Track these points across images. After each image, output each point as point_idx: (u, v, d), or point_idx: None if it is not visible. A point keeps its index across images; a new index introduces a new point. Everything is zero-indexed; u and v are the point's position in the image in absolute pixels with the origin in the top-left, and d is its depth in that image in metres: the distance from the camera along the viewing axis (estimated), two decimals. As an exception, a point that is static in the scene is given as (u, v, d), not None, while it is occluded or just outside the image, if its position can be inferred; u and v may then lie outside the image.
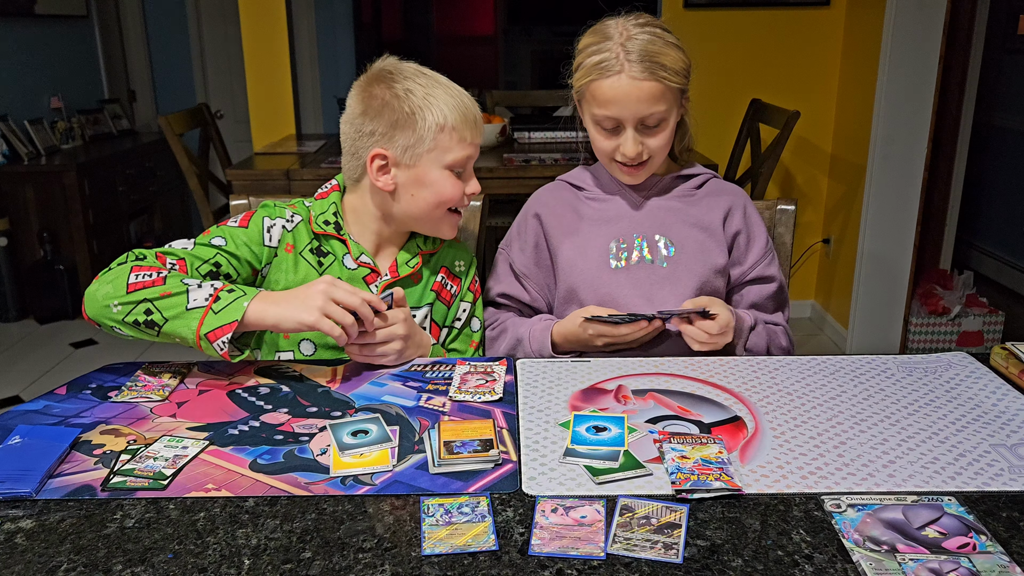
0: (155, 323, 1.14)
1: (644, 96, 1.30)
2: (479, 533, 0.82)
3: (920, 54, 3.02)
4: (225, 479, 0.93)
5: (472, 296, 1.46)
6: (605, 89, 1.32)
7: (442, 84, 1.32)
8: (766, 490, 0.90)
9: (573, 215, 1.46)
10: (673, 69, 1.31)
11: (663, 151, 1.38)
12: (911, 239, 3.21)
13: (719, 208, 1.43)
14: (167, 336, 1.15)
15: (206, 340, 1.13)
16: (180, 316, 1.13)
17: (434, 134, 1.28)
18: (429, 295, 1.40)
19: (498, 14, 5.83)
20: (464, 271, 1.46)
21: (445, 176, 1.30)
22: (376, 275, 1.35)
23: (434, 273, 1.42)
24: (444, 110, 1.28)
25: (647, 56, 1.30)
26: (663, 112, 1.33)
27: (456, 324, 1.44)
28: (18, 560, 0.80)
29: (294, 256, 1.34)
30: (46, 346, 3.56)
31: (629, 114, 1.32)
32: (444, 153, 1.29)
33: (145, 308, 1.14)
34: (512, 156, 2.91)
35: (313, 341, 1.34)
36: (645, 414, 1.08)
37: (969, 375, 1.19)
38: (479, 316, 1.47)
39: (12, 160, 3.86)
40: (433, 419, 1.07)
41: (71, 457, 0.98)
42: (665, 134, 1.36)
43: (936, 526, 0.83)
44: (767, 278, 1.45)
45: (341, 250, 1.35)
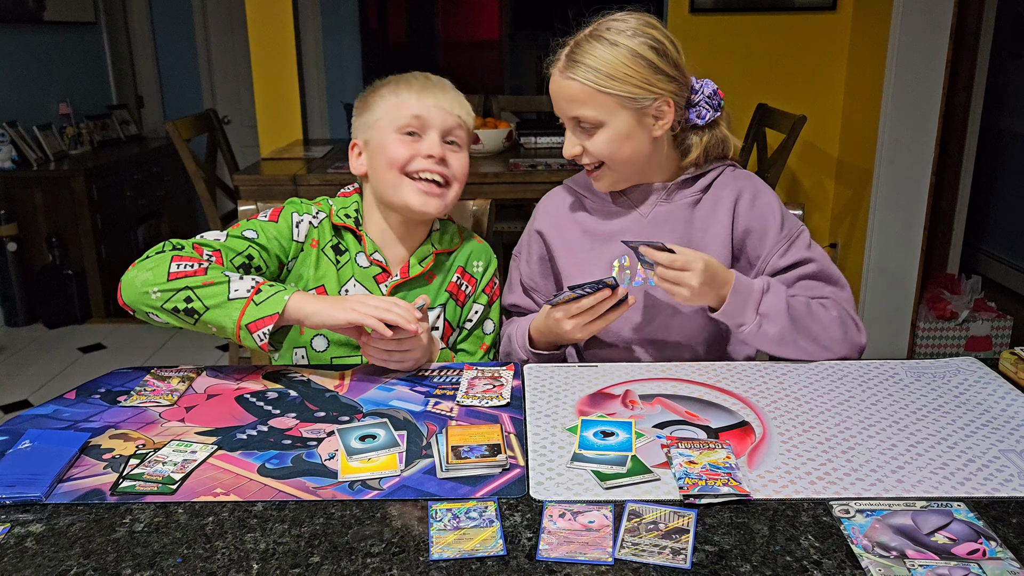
0: (195, 311, 1.16)
1: (567, 95, 1.29)
2: (487, 538, 0.82)
3: (927, 58, 3.01)
4: (233, 484, 0.93)
5: (487, 299, 1.45)
6: (550, 85, 1.33)
7: (411, 75, 1.37)
8: (774, 495, 0.90)
9: (576, 229, 1.41)
10: (608, 74, 1.24)
11: (618, 162, 1.30)
12: (918, 243, 3.20)
13: (725, 208, 1.35)
14: (204, 325, 1.18)
15: (246, 330, 1.15)
16: (222, 305, 1.16)
17: (381, 105, 1.34)
18: (443, 295, 1.40)
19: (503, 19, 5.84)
20: (481, 272, 1.45)
21: (395, 138, 1.32)
22: (387, 275, 1.36)
23: (449, 273, 1.42)
24: (393, 86, 1.35)
25: (584, 58, 1.26)
26: (592, 117, 1.27)
27: (467, 325, 1.44)
28: (28, 564, 0.80)
29: (317, 252, 1.36)
30: (54, 350, 3.58)
31: (560, 111, 1.32)
32: (392, 119, 1.33)
33: (186, 296, 1.16)
34: (518, 161, 2.92)
35: (326, 336, 1.35)
36: (652, 419, 1.08)
37: (978, 380, 1.19)
38: (494, 319, 1.46)
39: (21, 165, 3.88)
40: (441, 424, 1.07)
41: (80, 462, 0.98)
42: (603, 141, 1.28)
43: (945, 532, 0.82)
44: (789, 266, 1.33)
45: (356, 247, 1.37)
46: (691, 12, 3.42)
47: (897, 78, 3.06)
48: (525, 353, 1.36)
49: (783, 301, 1.26)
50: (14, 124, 3.92)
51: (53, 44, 4.39)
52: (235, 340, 1.17)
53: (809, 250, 1.34)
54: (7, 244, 3.76)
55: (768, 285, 1.28)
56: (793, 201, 3.68)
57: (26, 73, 4.16)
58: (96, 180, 3.94)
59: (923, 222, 3.18)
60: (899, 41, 3.03)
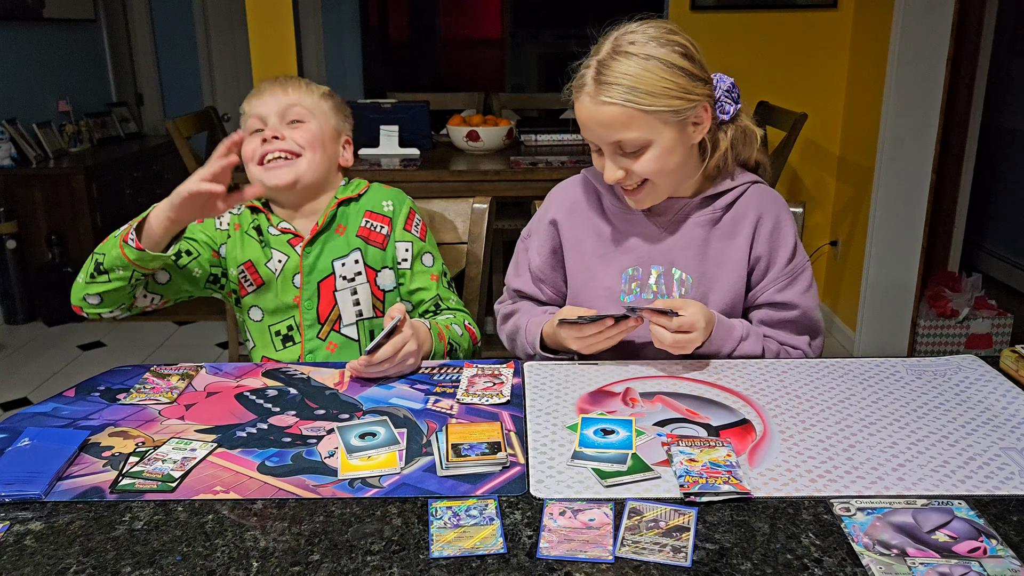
0: (99, 263, 1.28)
1: (607, 122, 1.21)
2: (487, 536, 0.82)
3: (928, 56, 3.01)
4: (233, 481, 0.93)
5: (414, 236, 1.49)
6: (577, 109, 1.25)
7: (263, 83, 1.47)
8: (775, 493, 0.90)
9: (590, 231, 1.38)
10: (647, 91, 1.19)
11: (663, 176, 1.26)
12: (919, 241, 3.20)
13: (744, 232, 1.32)
14: (111, 270, 1.27)
15: (125, 244, 1.25)
16: (108, 250, 1.28)
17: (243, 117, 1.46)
18: (356, 241, 1.46)
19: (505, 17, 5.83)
20: (393, 210, 1.49)
21: (247, 139, 1.42)
22: (299, 238, 1.44)
23: (357, 218, 1.48)
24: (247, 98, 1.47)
25: (617, 78, 1.19)
26: (636, 139, 1.21)
27: (402, 265, 1.48)
28: (27, 562, 0.80)
29: (241, 234, 1.46)
30: (54, 348, 3.58)
31: (596, 138, 1.25)
32: (246, 128, 1.44)
33: (93, 261, 1.30)
34: (519, 159, 2.91)
35: (259, 307, 1.45)
36: (653, 417, 1.07)
37: (979, 378, 1.19)
38: (432, 252, 1.51)
39: (21, 163, 3.87)
40: (441, 422, 1.06)
41: (80, 459, 0.98)
42: (651, 160, 1.23)
43: (946, 530, 0.82)
44: (780, 304, 1.33)
45: (267, 223, 1.46)
46: (692, 10, 3.42)
47: (898, 76, 3.06)
48: (532, 350, 1.36)
49: (758, 348, 1.30)
50: (13, 121, 3.91)
51: (53, 41, 4.38)
52: (124, 260, 1.25)
53: (803, 295, 1.33)
54: (7, 242, 3.76)
55: (747, 332, 1.29)
56: (794, 199, 3.67)
57: (26, 71, 4.16)
58: (96, 178, 3.93)
59: (924, 220, 3.17)
60: (900, 39, 3.03)
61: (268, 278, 1.44)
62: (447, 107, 3.84)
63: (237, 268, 1.45)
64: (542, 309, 1.44)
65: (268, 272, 1.44)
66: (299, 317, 1.44)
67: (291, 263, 1.43)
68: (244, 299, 1.46)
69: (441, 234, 1.66)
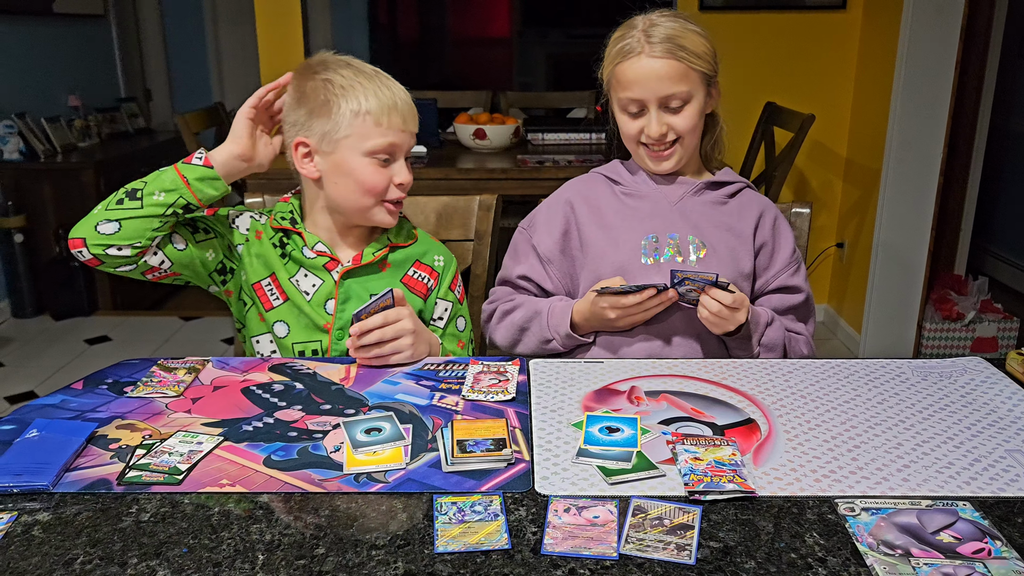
0: (136, 189, 1.24)
1: (663, 75, 1.33)
2: (492, 532, 0.82)
3: (937, 58, 3.00)
4: (239, 475, 0.93)
5: (455, 296, 1.45)
6: (626, 70, 1.35)
7: (366, 74, 1.32)
8: (779, 492, 0.90)
9: (607, 207, 1.46)
10: (693, 51, 1.33)
11: (691, 135, 1.38)
12: (926, 244, 3.20)
13: (750, 217, 1.44)
14: (149, 199, 1.23)
15: (184, 164, 1.25)
16: (153, 177, 1.25)
17: (350, 120, 1.28)
18: (399, 286, 1.39)
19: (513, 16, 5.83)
20: (443, 267, 1.45)
21: (366, 163, 1.30)
22: (335, 263, 1.36)
23: (405, 266, 1.41)
24: (360, 97, 1.28)
25: (667, 38, 1.33)
26: (685, 93, 1.34)
27: (437, 323, 1.44)
28: (35, 552, 0.80)
29: (264, 242, 1.38)
30: (61, 342, 3.59)
31: (650, 94, 1.35)
32: (362, 140, 1.29)
33: (124, 190, 1.25)
34: (526, 157, 2.92)
35: (286, 323, 1.36)
36: (658, 415, 1.08)
37: (984, 380, 1.18)
38: (465, 316, 1.48)
39: (30, 158, 3.88)
40: (446, 418, 1.07)
41: (87, 451, 0.98)
42: (689, 116, 1.36)
43: (951, 531, 0.82)
44: (791, 288, 1.44)
45: (299, 242, 1.37)
46: (701, 10, 3.42)
47: (907, 78, 3.05)
48: (554, 333, 1.38)
49: (781, 334, 1.38)
50: (23, 116, 3.93)
51: (62, 36, 4.40)
52: (182, 185, 1.24)
53: (805, 281, 1.46)
54: (15, 236, 3.77)
55: (772, 318, 1.37)
56: (801, 200, 3.67)
57: (35, 65, 4.17)
58: (104, 173, 3.94)
59: (931, 222, 3.17)
60: (909, 41, 3.02)
61: (294, 296, 1.35)
62: (455, 105, 3.85)
63: (261, 279, 1.37)
64: (557, 296, 1.45)
65: (294, 289, 1.35)
66: (327, 342, 1.35)
67: (325, 288, 1.35)
68: (269, 313, 1.36)
69: (447, 231, 1.66)
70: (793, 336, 1.42)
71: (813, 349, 1.46)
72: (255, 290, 1.37)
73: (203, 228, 1.35)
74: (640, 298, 1.29)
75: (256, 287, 1.37)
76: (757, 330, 1.35)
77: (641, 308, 1.30)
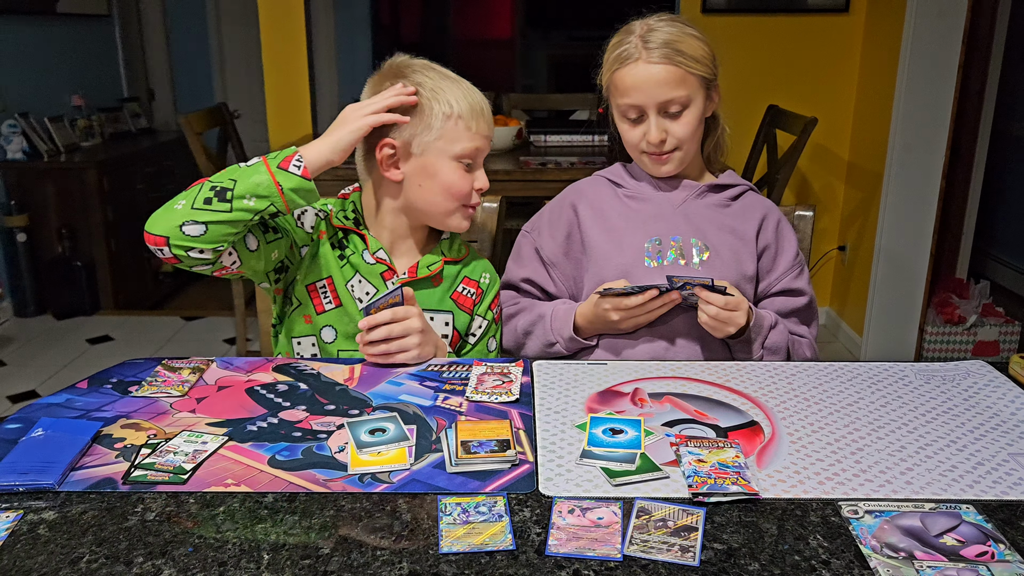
0: (225, 189, 1.18)
1: (661, 80, 1.33)
2: (496, 532, 0.83)
3: (939, 61, 3.00)
4: (244, 475, 0.94)
5: (492, 316, 1.45)
6: (624, 77, 1.35)
7: (451, 78, 1.34)
8: (783, 495, 0.90)
9: (610, 210, 1.46)
10: (691, 55, 1.33)
11: (691, 140, 1.38)
12: (927, 247, 3.20)
13: (753, 220, 1.44)
14: (239, 201, 1.17)
15: (280, 171, 1.19)
16: (244, 175, 1.19)
17: (442, 123, 1.29)
18: (448, 303, 1.40)
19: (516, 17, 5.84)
20: (488, 284, 1.45)
21: (453, 167, 1.31)
22: (392, 273, 1.36)
23: (455, 282, 1.42)
24: (451, 100, 1.30)
25: (664, 43, 1.33)
26: (683, 97, 1.34)
27: (470, 339, 1.44)
28: (41, 551, 0.81)
29: (326, 242, 1.36)
30: (63, 342, 3.60)
31: (649, 99, 1.35)
32: (452, 143, 1.30)
33: (210, 186, 1.18)
34: (528, 159, 2.92)
35: (335, 328, 1.35)
36: (661, 417, 1.08)
37: (987, 384, 1.19)
38: (497, 339, 1.48)
39: (33, 157, 3.89)
40: (450, 419, 1.07)
41: (92, 450, 0.99)
42: (689, 121, 1.36)
43: (954, 534, 0.82)
44: (794, 291, 1.44)
45: (360, 245, 1.36)
46: (703, 12, 3.42)
47: (909, 81, 3.06)
48: (558, 337, 1.38)
49: (784, 337, 1.38)
50: (26, 115, 3.93)
51: (66, 36, 4.41)
52: (276, 193, 1.18)
53: (808, 284, 1.47)
54: (17, 235, 3.78)
55: (775, 321, 1.37)
56: (803, 203, 3.67)
57: (38, 65, 4.18)
58: (107, 172, 3.95)
59: (933, 226, 3.17)
60: (912, 44, 3.02)
61: (347, 302, 1.34)
62: (457, 106, 3.84)
63: (316, 281, 1.35)
64: (560, 300, 1.45)
65: (348, 295, 1.34)
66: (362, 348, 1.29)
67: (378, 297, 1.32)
68: (319, 316, 1.35)
69: (451, 233, 1.66)
70: (796, 339, 1.42)
71: (816, 352, 1.46)
72: (308, 291, 1.35)
73: (273, 227, 1.30)
74: (643, 299, 1.29)
75: (310, 288, 1.35)
76: (761, 333, 1.35)
77: (644, 309, 1.30)
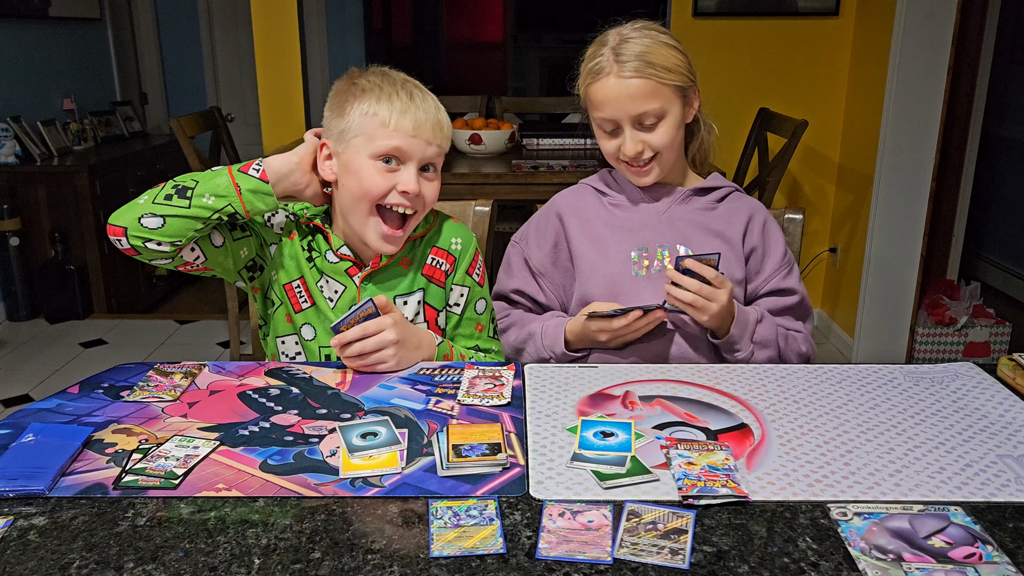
0: (187, 187, 1.23)
1: (633, 94, 1.33)
2: (487, 536, 0.83)
3: (929, 64, 3.02)
4: (235, 479, 0.94)
5: (474, 280, 1.41)
6: (597, 91, 1.36)
7: (393, 81, 1.30)
8: (772, 497, 0.90)
9: (596, 219, 1.46)
10: (663, 66, 1.33)
11: (669, 150, 1.38)
12: (918, 249, 3.21)
13: (739, 222, 1.44)
14: (199, 199, 1.22)
15: (240, 173, 1.24)
16: (207, 177, 1.24)
17: (359, 119, 1.27)
18: (420, 280, 1.38)
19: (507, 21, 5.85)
20: (460, 250, 1.40)
21: (371, 165, 1.27)
22: (357, 268, 1.35)
23: (424, 256, 1.38)
24: (373, 100, 1.27)
25: (636, 56, 1.32)
26: (658, 110, 1.34)
27: (454, 309, 1.41)
28: (31, 557, 0.81)
29: (294, 244, 1.37)
30: (56, 345, 3.58)
31: (622, 113, 1.35)
32: (369, 140, 1.26)
33: (172, 184, 1.23)
34: (520, 162, 2.92)
35: (313, 326, 1.36)
36: (652, 420, 1.08)
37: (976, 386, 1.19)
38: (486, 298, 1.43)
39: (24, 161, 3.88)
40: (442, 422, 1.07)
41: (83, 456, 0.99)
42: (665, 131, 1.36)
43: (942, 536, 0.83)
44: (784, 290, 1.44)
45: (324, 245, 1.36)
46: (694, 16, 3.43)
47: (899, 84, 3.07)
48: (550, 353, 1.39)
49: (773, 331, 1.38)
50: (18, 119, 3.92)
51: (58, 40, 4.40)
52: (233, 193, 1.23)
53: (799, 283, 1.47)
54: (10, 239, 3.77)
55: (762, 315, 1.38)
56: (794, 205, 3.69)
57: (31, 68, 4.17)
58: (99, 176, 3.94)
59: (923, 227, 3.19)
60: (901, 47, 3.04)
61: (319, 301, 1.35)
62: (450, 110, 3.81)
63: (292, 280, 1.35)
64: (550, 314, 1.46)
65: (319, 295, 1.35)
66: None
67: (348, 294, 1.34)
68: (298, 315, 1.36)
69: (443, 236, 1.67)
70: (791, 334, 1.43)
71: (813, 347, 1.46)
72: (286, 291, 1.36)
73: (240, 225, 1.33)
74: (627, 320, 1.30)
75: (287, 288, 1.36)
76: (748, 328, 1.35)
77: (629, 329, 1.32)
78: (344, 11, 5.26)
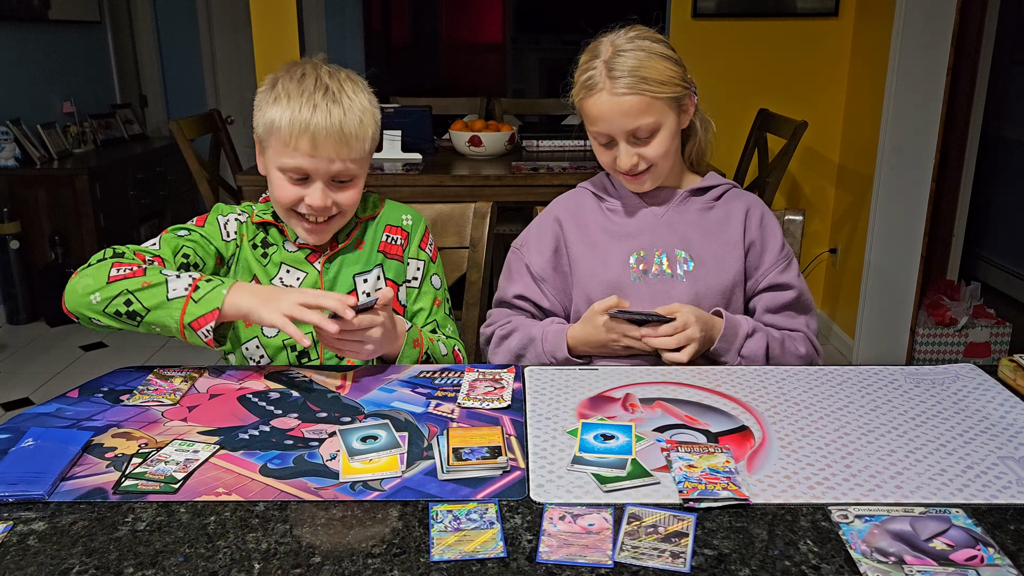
0: (136, 313, 1.18)
1: (627, 111, 1.33)
2: (487, 540, 0.83)
3: (928, 64, 3.02)
4: (235, 483, 0.94)
5: (427, 255, 1.46)
6: (591, 107, 1.36)
7: (309, 86, 1.27)
8: (773, 500, 0.90)
9: (595, 224, 1.47)
10: (657, 80, 1.32)
11: (664, 159, 1.39)
12: (918, 249, 3.21)
13: (737, 218, 1.44)
14: (148, 327, 1.20)
15: (190, 329, 1.17)
16: (162, 306, 1.18)
17: (266, 127, 1.28)
18: (377, 256, 1.42)
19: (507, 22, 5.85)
20: (411, 225, 1.46)
21: (279, 177, 1.30)
22: (318, 254, 1.38)
23: (378, 234, 1.43)
24: (279, 110, 1.26)
25: (628, 71, 1.32)
26: (652, 124, 1.34)
27: (412, 283, 1.45)
28: (31, 562, 0.80)
29: (248, 244, 1.38)
30: (56, 349, 3.58)
31: (616, 129, 1.35)
32: (276, 154, 1.28)
33: (125, 299, 1.18)
34: (520, 164, 2.92)
35: None
36: (652, 423, 1.08)
37: (977, 387, 1.19)
38: (440, 274, 1.49)
39: (24, 164, 3.88)
40: (442, 426, 1.07)
41: (83, 460, 0.99)
42: (660, 143, 1.36)
43: (944, 538, 0.83)
44: (781, 285, 1.44)
45: (279, 238, 1.38)
46: (693, 17, 3.43)
47: (898, 84, 3.07)
48: (551, 359, 1.38)
49: (763, 345, 1.38)
50: (18, 122, 3.92)
51: (57, 43, 4.40)
52: (180, 338, 1.19)
53: (798, 278, 1.46)
54: (9, 242, 3.77)
55: (753, 329, 1.37)
56: (794, 206, 3.69)
57: (30, 71, 4.17)
58: (99, 179, 3.95)
59: (923, 228, 3.18)
60: (901, 47, 3.04)
61: None
62: (449, 112, 3.85)
63: None
64: (550, 319, 1.45)
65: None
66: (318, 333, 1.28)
67: (309, 280, 1.37)
68: None
69: (442, 238, 1.67)
70: (788, 335, 1.42)
71: (816, 344, 1.45)
72: None
73: (194, 264, 1.33)
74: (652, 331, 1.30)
75: None
76: (735, 342, 1.35)
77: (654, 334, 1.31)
78: (343, 13, 5.26)
